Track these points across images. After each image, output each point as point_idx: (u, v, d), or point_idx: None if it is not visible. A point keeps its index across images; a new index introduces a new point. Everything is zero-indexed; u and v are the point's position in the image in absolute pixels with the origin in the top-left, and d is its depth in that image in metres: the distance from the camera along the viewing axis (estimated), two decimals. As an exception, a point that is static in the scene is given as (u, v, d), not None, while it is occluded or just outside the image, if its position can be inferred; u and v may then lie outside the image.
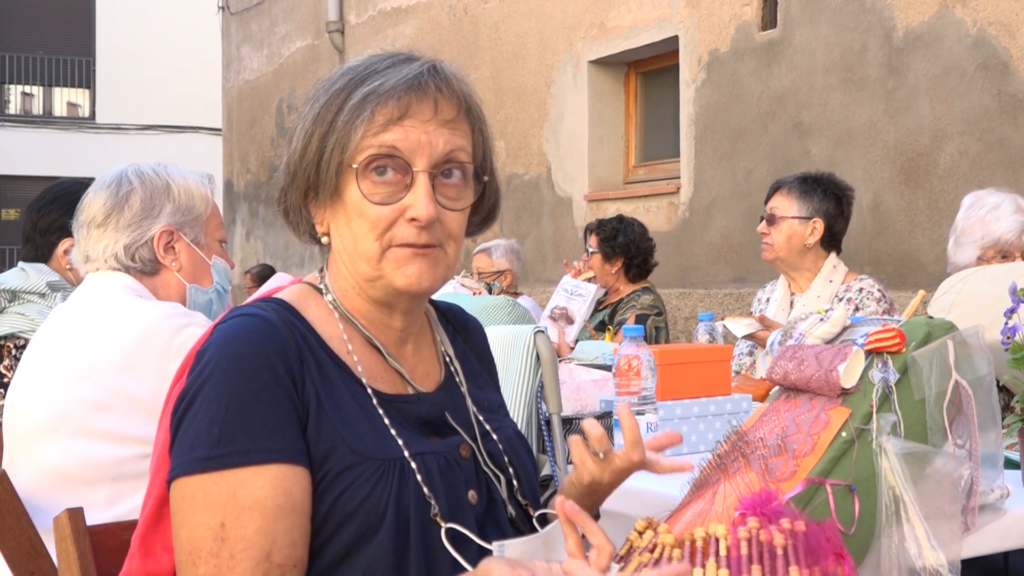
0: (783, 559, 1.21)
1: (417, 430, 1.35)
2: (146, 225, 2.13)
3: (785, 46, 5.69)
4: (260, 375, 1.24)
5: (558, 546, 1.27)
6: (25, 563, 1.83)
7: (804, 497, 1.36)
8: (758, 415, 1.54)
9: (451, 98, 1.35)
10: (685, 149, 6.36)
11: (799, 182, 3.67)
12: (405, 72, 1.33)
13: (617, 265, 4.87)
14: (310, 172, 1.35)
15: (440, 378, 1.44)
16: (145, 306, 2.05)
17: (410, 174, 1.32)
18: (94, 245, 2.13)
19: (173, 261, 2.16)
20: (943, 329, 1.53)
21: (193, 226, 2.19)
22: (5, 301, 2.92)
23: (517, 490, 1.42)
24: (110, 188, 2.14)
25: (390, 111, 1.31)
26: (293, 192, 1.38)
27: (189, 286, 2.19)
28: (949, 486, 1.45)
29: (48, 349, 2.07)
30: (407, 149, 1.31)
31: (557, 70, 7.34)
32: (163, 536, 1.29)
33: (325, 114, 1.34)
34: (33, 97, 22.52)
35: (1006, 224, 3.22)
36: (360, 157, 1.31)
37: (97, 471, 1.95)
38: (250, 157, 11.87)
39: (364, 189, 1.31)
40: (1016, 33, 4.60)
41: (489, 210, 1.47)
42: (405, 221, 1.32)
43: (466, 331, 1.56)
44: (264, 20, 11.61)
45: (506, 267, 5.57)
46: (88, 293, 2.12)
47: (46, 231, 3.01)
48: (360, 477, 1.25)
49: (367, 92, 1.32)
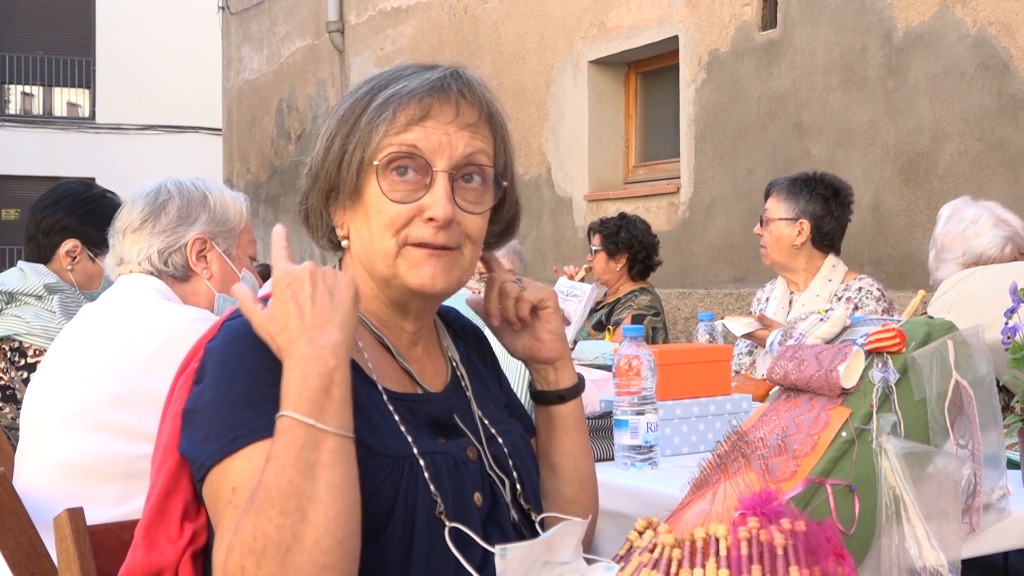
0: (783, 559, 1.21)
1: (426, 429, 1.36)
2: (181, 231, 2.18)
3: (785, 46, 5.69)
4: (273, 366, 1.24)
5: (560, 550, 1.27)
6: (25, 563, 1.83)
7: (804, 497, 1.36)
8: (758, 415, 1.54)
9: (473, 102, 1.37)
10: (685, 149, 6.36)
11: (788, 184, 3.69)
12: (428, 76, 1.36)
13: (621, 262, 4.87)
14: (331, 172, 1.36)
15: (447, 380, 1.46)
16: (175, 309, 2.09)
17: (430, 174, 1.33)
18: (129, 248, 2.18)
19: (204, 269, 2.21)
20: (943, 329, 1.53)
21: (226, 237, 2.25)
22: (2, 303, 2.92)
23: (520, 494, 1.43)
24: (148, 197, 2.20)
25: (412, 112, 1.33)
26: (315, 194, 1.39)
27: (218, 295, 2.23)
28: (949, 486, 1.45)
29: (74, 345, 2.10)
30: (428, 149, 1.33)
31: (557, 70, 7.34)
32: (167, 527, 1.29)
33: (348, 117, 1.36)
34: (33, 97, 22.52)
35: (987, 240, 3.18)
36: (381, 155, 1.33)
37: (110, 466, 1.97)
38: (250, 157, 11.87)
39: (384, 187, 1.33)
40: (1016, 33, 4.60)
41: (508, 221, 1.48)
42: (422, 220, 1.33)
43: (465, 335, 1.58)
44: (264, 20, 11.61)
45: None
46: (119, 294, 2.15)
47: (49, 231, 3.02)
48: (370, 472, 1.25)
49: (390, 94, 1.34)
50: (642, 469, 2.16)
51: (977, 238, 3.18)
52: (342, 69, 9.99)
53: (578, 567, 1.29)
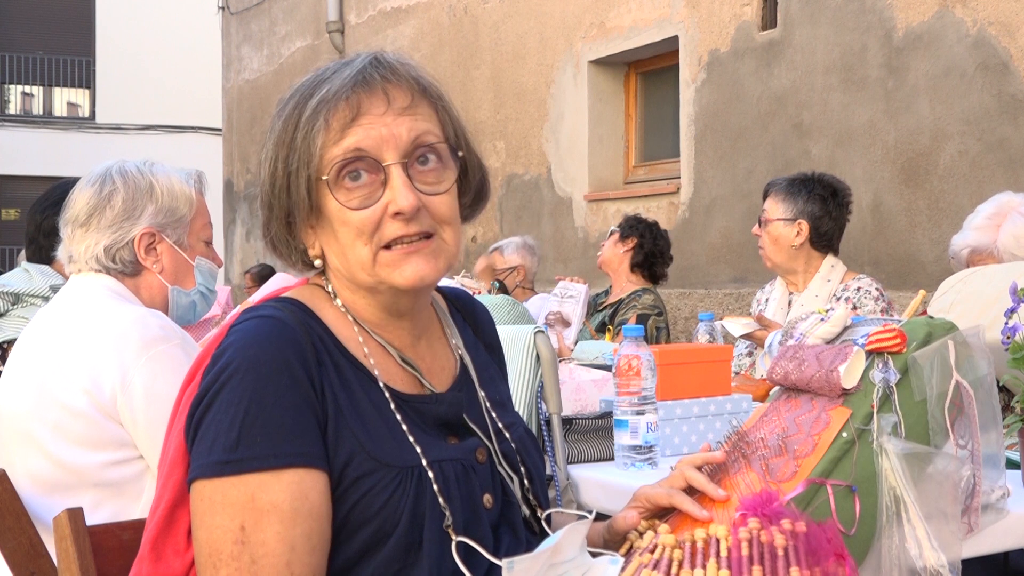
0: (784, 560, 1.21)
1: (435, 431, 1.34)
2: (127, 227, 2.11)
3: (785, 46, 5.69)
4: (280, 378, 1.23)
5: (567, 551, 1.27)
6: (25, 563, 1.82)
7: (805, 498, 1.35)
8: (759, 415, 1.54)
9: (401, 84, 1.32)
10: (685, 149, 6.36)
11: (786, 184, 3.69)
12: (348, 72, 1.32)
13: (629, 245, 4.86)
14: (282, 197, 1.33)
15: (455, 373, 1.43)
16: (121, 310, 2.03)
17: (383, 170, 1.29)
18: (76, 246, 2.12)
19: (154, 263, 2.15)
20: (944, 329, 1.53)
21: (176, 228, 2.17)
22: (8, 304, 2.91)
23: (529, 491, 1.42)
24: (94, 186, 2.13)
25: (343, 114, 1.29)
26: (274, 223, 1.35)
27: (171, 288, 2.18)
28: (950, 486, 1.45)
29: (29, 353, 2.06)
30: (372, 147, 1.29)
31: (557, 70, 7.34)
32: (174, 539, 1.28)
33: (283, 136, 1.33)
34: (33, 97, 22.51)
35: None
36: (328, 168, 1.29)
37: (77, 477, 1.94)
38: (250, 157, 11.86)
39: (340, 198, 1.29)
40: (1016, 33, 4.60)
41: (477, 189, 1.43)
42: (390, 218, 1.29)
43: (475, 318, 1.55)
44: (264, 20, 11.61)
45: (518, 263, 5.49)
46: (69, 296, 2.11)
47: (50, 232, 3.01)
48: (378, 484, 1.24)
49: (317, 102, 1.30)
50: (642, 469, 2.16)
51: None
52: (342, 69, 9.98)
53: (583, 562, 1.29)
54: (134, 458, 1.96)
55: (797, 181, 3.69)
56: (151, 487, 1.95)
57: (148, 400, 1.92)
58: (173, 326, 2.03)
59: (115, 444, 1.94)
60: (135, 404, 1.92)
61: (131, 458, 1.95)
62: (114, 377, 1.93)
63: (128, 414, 1.93)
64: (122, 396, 1.92)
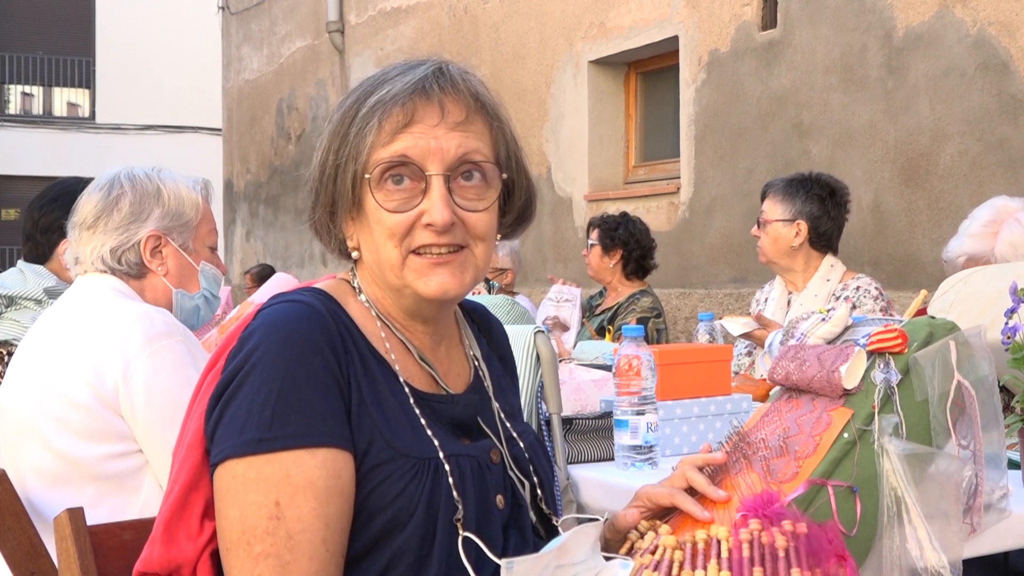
0: (785, 561, 1.21)
1: (450, 430, 1.35)
2: (134, 229, 2.15)
3: (785, 46, 5.69)
4: (311, 360, 1.24)
5: (574, 552, 1.27)
6: (25, 563, 1.83)
7: (806, 498, 1.35)
8: (759, 415, 1.54)
9: (459, 99, 1.34)
10: (685, 149, 6.36)
11: (785, 185, 3.69)
12: (410, 77, 1.33)
13: (615, 258, 4.86)
14: (329, 187, 1.35)
15: (469, 379, 1.45)
16: (126, 306, 2.06)
17: (425, 179, 1.31)
18: (83, 248, 2.15)
19: (159, 266, 2.18)
20: (945, 329, 1.53)
21: (182, 232, 2.21)
22: (2, 307, 2.92)
23: (540, 498, 1.43)
24: (102, 191, 2.17)
25: (396, 119, 1.31)
26: (319, 209, 1.38)
27: (175, 291, 2.21)
28: (951, 487, 1.45)
29: (34, 351, 2.09)
30: (418, 155, 1.31)
31: (557, 70, 7.34)
32: (187, 523, 1.28)
33: (339, 128, 1.35)
34: (33, 97, 22.51)
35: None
36: (373, 168, 1.31)
37: (78, 471, 1.96)
38: (250, 157, 11.86)
39: (379, 198, 1.31)
40: (1016, 33, 4.60)
41: (521, 209, 1.44)
42: (422, 227, 1.31)
43: (490, 332, 1.57)
44: (264, 20, 11.61)
45: (508, 266, 5.58)
46: (75, 296, 2.13)
47: (47, 230, 3.01)
48: (395, 473, 1.26)
49: (375, 102, 1.32)
50: (642, 469, 2.16)
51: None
52: (342, 69, 9.98)
53: (594, 564, 1.29)
54: (134, 451, 1.98)
55: (795, 181, 3.70)
56: (150, 482, 1.99)
57: (148, 394, 1.95)
58: (177, 323, 2.06)
59: (116, 436, 1.96)
60: (135, 397, 1.95)
61: (131, 451, 1.98)
62: (116, 369, 1.95)
63: (128, 406, 1.96)
64: (123, 388, 1.95)
